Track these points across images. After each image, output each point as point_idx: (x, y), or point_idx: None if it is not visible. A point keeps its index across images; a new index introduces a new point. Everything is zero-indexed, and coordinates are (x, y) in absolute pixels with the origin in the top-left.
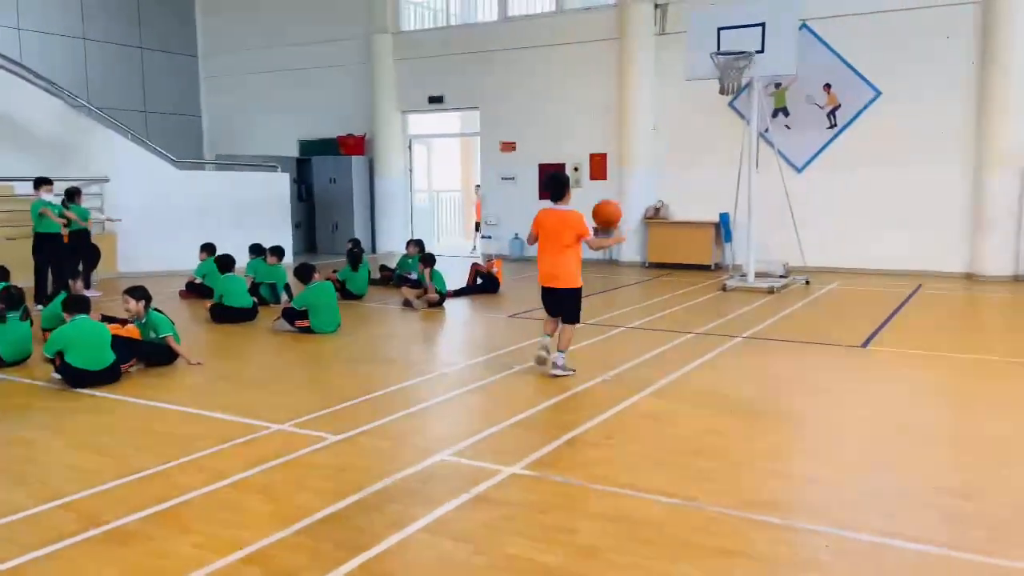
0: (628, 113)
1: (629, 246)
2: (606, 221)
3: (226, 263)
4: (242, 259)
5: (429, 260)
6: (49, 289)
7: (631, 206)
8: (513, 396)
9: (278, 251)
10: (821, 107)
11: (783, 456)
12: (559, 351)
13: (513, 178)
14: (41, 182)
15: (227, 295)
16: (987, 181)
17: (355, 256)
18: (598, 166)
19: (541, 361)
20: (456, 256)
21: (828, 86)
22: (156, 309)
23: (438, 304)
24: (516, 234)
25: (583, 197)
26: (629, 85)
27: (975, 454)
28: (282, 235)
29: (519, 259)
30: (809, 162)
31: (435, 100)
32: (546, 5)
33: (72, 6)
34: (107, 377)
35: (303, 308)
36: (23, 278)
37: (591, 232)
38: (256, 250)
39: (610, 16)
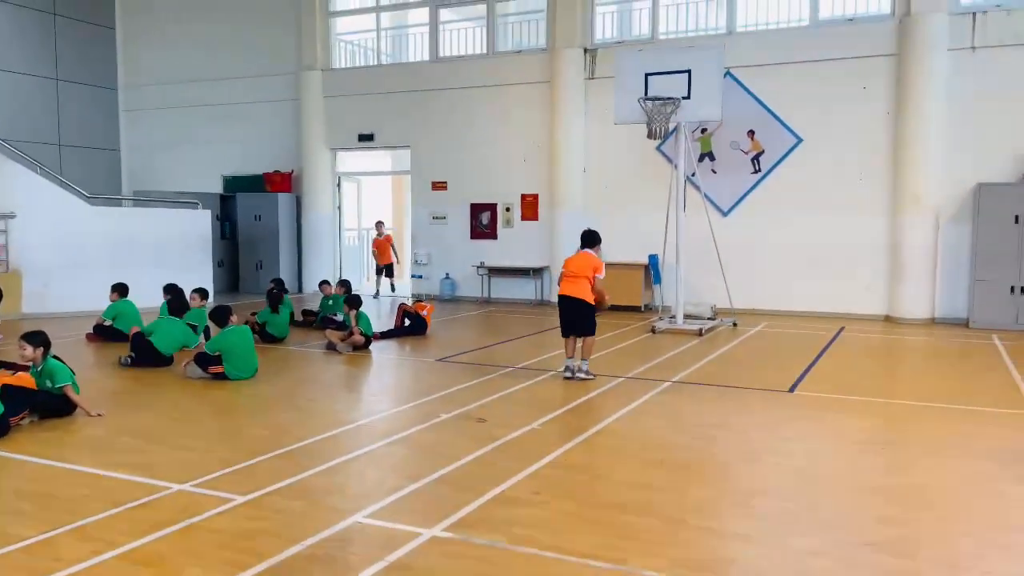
0: (559, 155)
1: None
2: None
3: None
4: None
5: (355, 302)
6: None
7: (562, 247)
8: (438, 448)
9: (202, 292)
10: (746, 152)
11: (714, 511)
12: (583, 359)
13: (444, 217)
14: None
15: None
16: (903, 227)
17: (275, 297)
18: (530, 207)
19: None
20: (388, 296)
21: (752, 132)
22: (55, 356)
23: (364, 347)
24: (447, 274)
25: (515, 237)
26: (560, 127)
27: (904, 504)
28: (203, 274)
29: (450, 299)
30: (735, 206)
31: (365, 138)
32: (478, 47)
33: None
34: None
35: (216, 353)
36: None
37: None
38: (171, 290)
39: (542, 60)
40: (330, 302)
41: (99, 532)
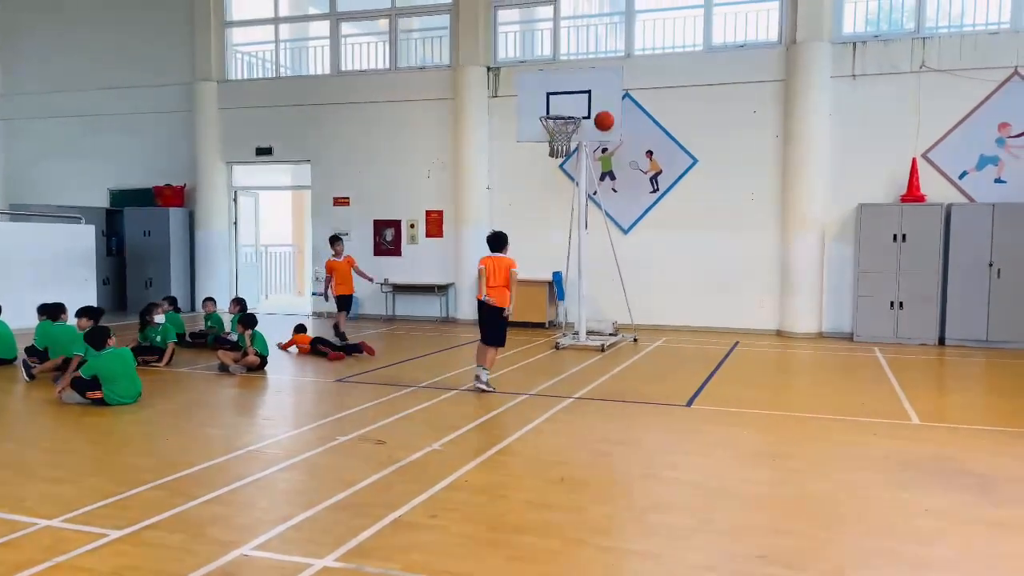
0: (463, 172)
1: (463, 304)
2: None
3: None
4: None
5: (249, 321)
6: None
7: (467, 263)
8: (335, 472)
9: (89, 312)
10: (644, 172)
11: (613, 530)
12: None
13: (347, 234)
14: None
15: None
16: (792, 245)
17: (144, 321)
18: (434, 224)
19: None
20: (293, 314)
21: (650, 153)
22: None
23: (259, 368)
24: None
25: (420, 254)
26: (464, 144)
27: (798, 517)
28: (87, 292)
29: (353, 318)
30: (635, 224)
31: (263, 152)
32: (381, 62)
33: None
34: None
35: (93, 377)
36: None
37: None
38: (46, 310)
39: (445, 76)
40: (209, 322)
41: None
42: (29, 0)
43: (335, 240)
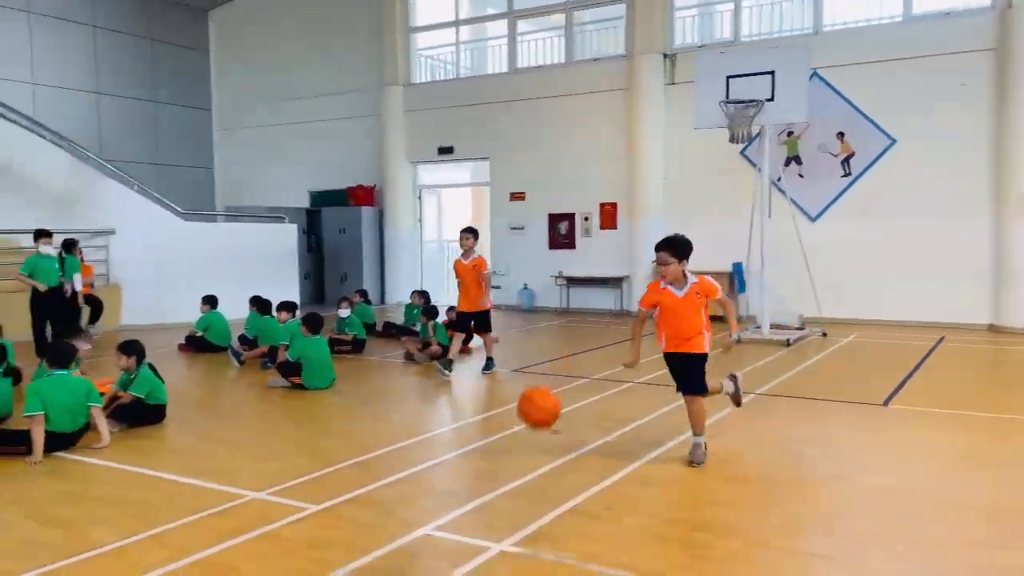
0: (638, 162)
1: (639, 296)
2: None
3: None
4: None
5: (432, 312)
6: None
7: (642, 255)
8: (510, 459)
9: (288, 306)
10: (835, 155)
11: (798, 531)
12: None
13: (522, 228)
14: (40, 234)
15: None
16: (1009, 231)
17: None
18: (608, 216)
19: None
20: None
21: (841, 134)
22: (150, 366)
23: (441, 356)
24: (525, 284)
25: (594, 246)
26: (639, 135)
27: (1004, 528)
28: (290, 286)
29: (529, 309)
30: (824, 211)
31: (445, 151)
32: (556, 57)
33: (86, 62)
34: (77, 440)
35: (298, 360)
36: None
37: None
38: (256, 302)
39: (620, 66)
40: (415, 311)
41: (176, 539)
42: (239, 16)
43: (466, 233)
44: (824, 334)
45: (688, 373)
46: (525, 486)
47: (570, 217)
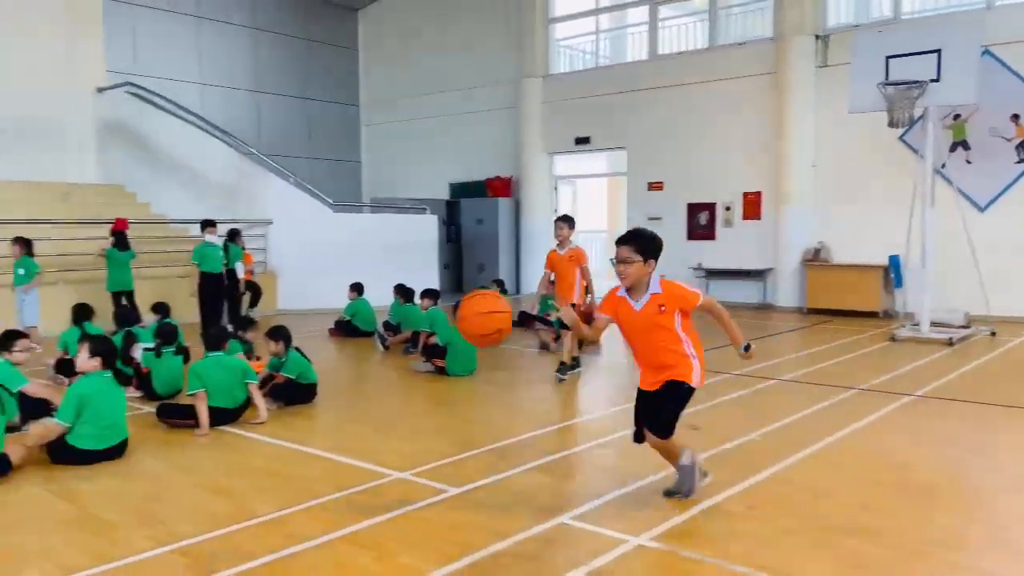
0: (785, 150)
1: (786, 290)
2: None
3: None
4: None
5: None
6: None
7: (788, 247)
8: (647, 453)
9: (431, 294)
10: (1008, 139)
11: (963, 545)
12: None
13: (659, 218)
14: (206, 224)
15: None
16: None
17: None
18: (752, 205)
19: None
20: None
21: (1016, 117)
22: (296, 348)
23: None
24: (662, 275)
25: (735, 237)
26: (787, 120)
27: None
28: (429, 275)
29: None
30: (994, 200)
31: (582, 141)
32: (698, 42)
33: (248, 62)
34: (238, 415)
35: (445, 344)
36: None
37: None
38: (400, 291)
39: (767, 50)
40: (549, 301)
41: (327, 513)
42: (385, 14)
43: (560, 222)
44: (993, 333)
45: (663, 404)
46: (663, 481)
47: (710, 207)
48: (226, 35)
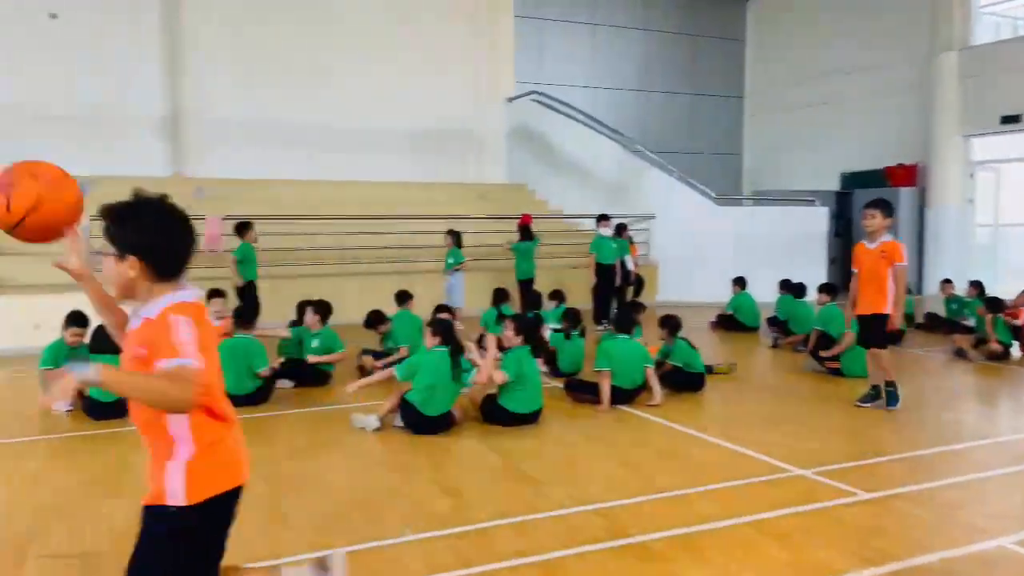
0: None
1: None
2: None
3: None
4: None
5: (994, 305)
6: (611, 312)
7: None
8: None
9: (829, 289)
10: None
11: None
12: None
13: None
14: (601, 219)
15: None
16: None
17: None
18: None
19: None
20: None
21: None
22: (683, 338)
23: (1001, 358)
24: None
25: None
26: None
27: None
28: (816, 271)
29: None
30: None
31: (1009, 120)
32: None
33: (636, 63)
34: (634, 396)
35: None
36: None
37: None
38: (788, 286)
39: None
40: (953, 305)
41: (726, 498)
42: (775, 3)
43: (871, 209)
44: None
45: None
46: None
47: None
48: (619, 38)
